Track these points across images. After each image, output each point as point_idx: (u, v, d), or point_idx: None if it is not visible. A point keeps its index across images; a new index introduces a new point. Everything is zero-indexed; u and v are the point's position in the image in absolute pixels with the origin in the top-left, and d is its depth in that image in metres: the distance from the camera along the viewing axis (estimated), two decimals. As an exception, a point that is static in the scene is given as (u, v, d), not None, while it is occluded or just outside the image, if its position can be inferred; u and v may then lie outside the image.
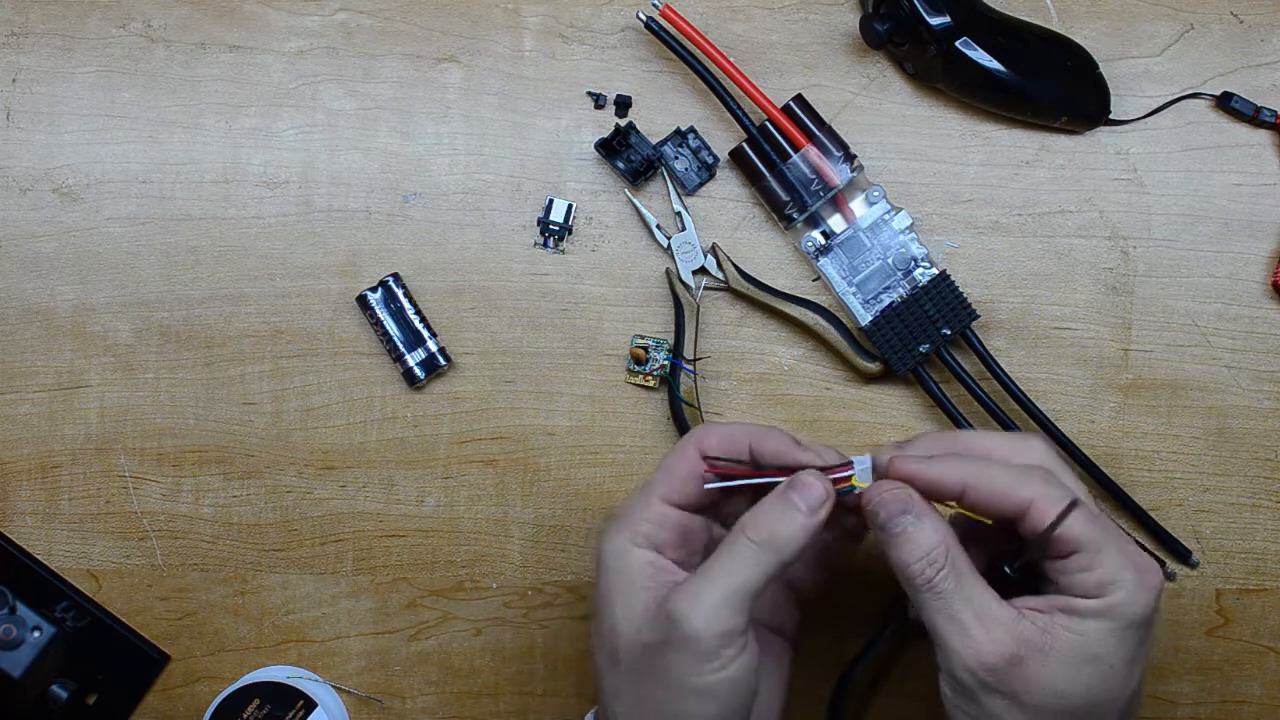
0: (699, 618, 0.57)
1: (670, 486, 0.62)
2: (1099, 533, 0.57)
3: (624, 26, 0.75)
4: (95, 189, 0.75)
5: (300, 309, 0.75)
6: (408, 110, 0.75)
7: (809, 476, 0.59)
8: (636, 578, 0.60)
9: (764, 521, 0.59)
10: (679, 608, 0.57)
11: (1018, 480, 0.58)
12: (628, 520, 0.61)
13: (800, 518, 0.59)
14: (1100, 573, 0.56)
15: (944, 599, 0.57)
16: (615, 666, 0.60)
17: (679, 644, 0.57)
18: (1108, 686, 0.57)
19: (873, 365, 0.74)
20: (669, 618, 0.57)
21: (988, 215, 0.75)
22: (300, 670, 0.76)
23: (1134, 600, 0.56)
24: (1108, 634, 0.56)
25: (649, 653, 0.58)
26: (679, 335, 0.74)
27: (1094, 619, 0.56)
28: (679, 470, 0.62)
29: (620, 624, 0.59)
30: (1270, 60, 0.75)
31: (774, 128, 0.73)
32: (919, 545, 0.58)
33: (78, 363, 0.75)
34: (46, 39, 0.76)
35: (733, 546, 0.58)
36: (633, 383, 0.75)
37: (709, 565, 0.59)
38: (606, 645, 0.60)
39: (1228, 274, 0.75)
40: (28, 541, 0.76)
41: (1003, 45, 0.72)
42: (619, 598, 0.60)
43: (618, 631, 0.59)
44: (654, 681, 0.58)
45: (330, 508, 0.76)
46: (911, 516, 0.58)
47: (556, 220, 0.75)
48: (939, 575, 0.57)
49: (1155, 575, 0.57)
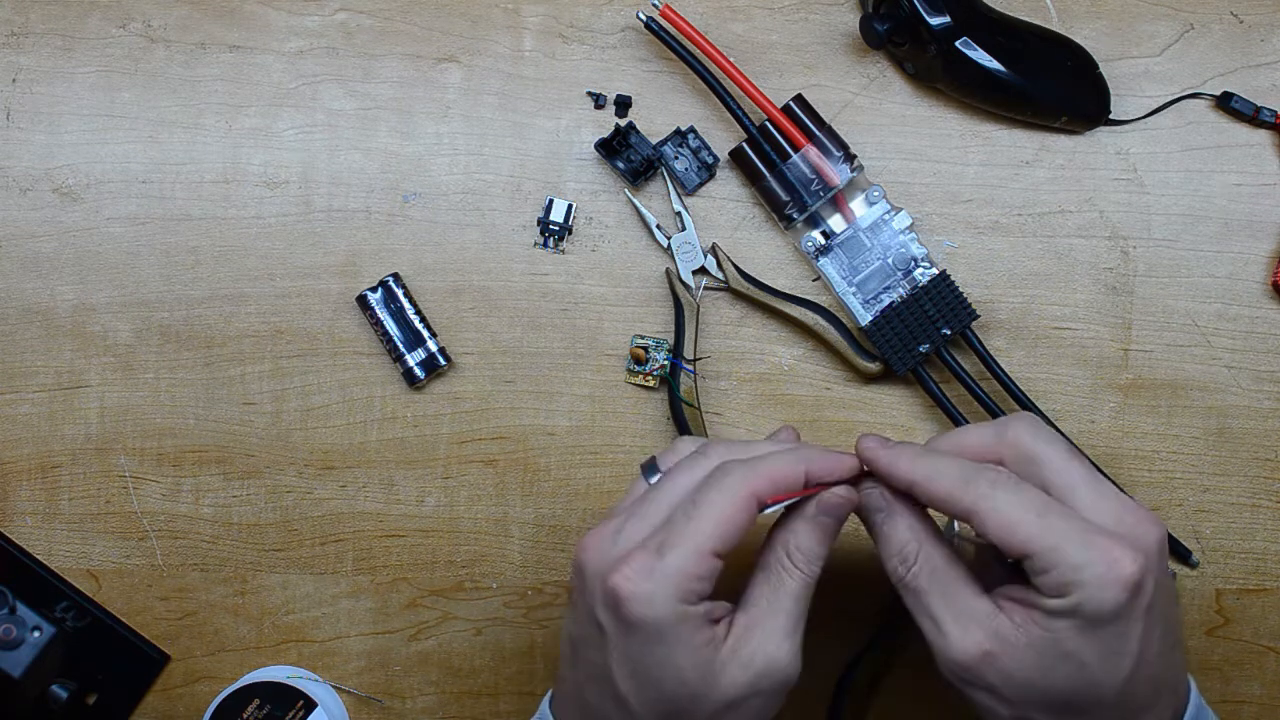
0: (792, 663, 0.57)
1: (723, 540, 0.56)
2: (1055, 532, 0.54)
3: (624, 26, 0.75)
4: (95, 189, 0.75)
5: (300, 309, 0.75)
6: (408, 110, 0.75)
7: (837, 498, 0.60)
8: (698, 636, 0.56)
9: (813, 549, 0.59)
10: (770, 658, 0.57)
11: (963, 483, 0.56)
12: (681, 579, 0.56)
13: (835, 533, 0.60)
14: (1057, 574, 0.54)
15: (918, 596, 0.58)
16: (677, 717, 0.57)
17: (774, 691, 0.57)
18: (1087, 682, 0.55)
19: (873, 365, 0.74)
20: (759, 672, 0.57)
21: (988, 215, 0.75)
22: (300, 670, 0.76)
23: (1099, 597, 0.54)
24: (1076, 632, 0.55)
25: (735, 702, 0.57)
26: (679, 335, 0.74)
27: (1061, 618, 0.55)
28: (735, 521, 0.57)
29: (689, 685, 0.56)
30: (1270, 60, 0.75)
31: (774, 128, 0.73)
32: (891, 542, 0.59)
33: (78, 363, 0.75)
34: (46, 39, 0.76)
35: (788, 579, 0.59)
36: (633, 383, 0.75)
37: (774, 604, 0.58)
38: (667, 700, 0.57)
39: (1228, 274, 0.75)
40: (28, 541, 0.76)
41: (1003, 45, 0.72)
42: (683, 659, 0.56)
43: (687, 684, 0.56)
44: None
45: (330, 508, 0.76)
46: (883, 514, 0.59)
47: (556, 220, 0.75)
48: (909, 573, 0.58)
49: (1129, 565, 0.54)
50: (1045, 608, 0.55)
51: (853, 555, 0.75)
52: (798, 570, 0.59)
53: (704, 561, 0.56)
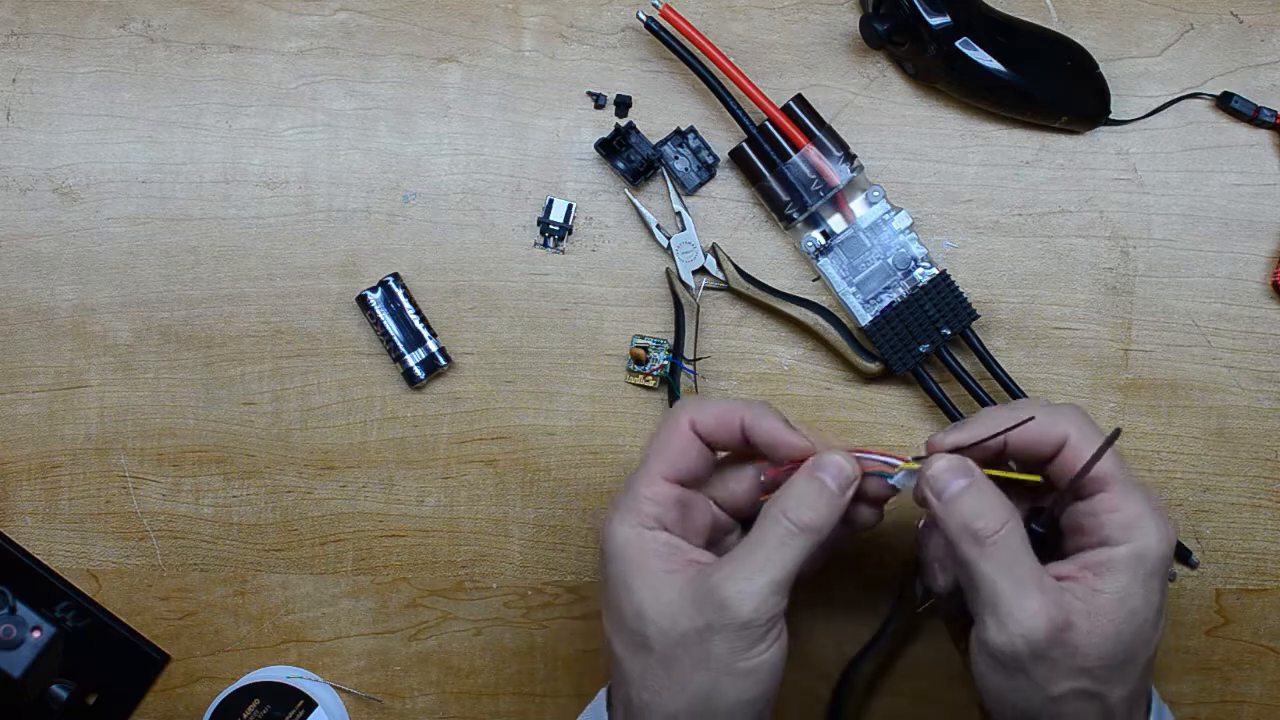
0: (749, 603, 0.57)
1: (669, 464, 0.62)
2: (1124, 474, 0.59)
3: (624, 26, 0.75)
4: (95, 189, 0.75)
5: (300, 309, 0.75)
6: (408, 110, 0.75)
7: (836, 456, 0.60)
8: (655, 561, 0.60)
9: (803, 504, 0.59)
10: (727, 593, 0.57)
11: (1052, 419, 0.60)
12: (633, 503, 0.61)
13: (833, 498, 0.60)
14: (1126, 513, 0.58)
15: (1005, 557, 0.58)
16: (644, 653, 0.59)
17: (729, 629, 0.57)
18: (1144, 637, 0.59)
19: (872, 365, 0.74)
20: (717, 604, 0.57)
21: (988, 215, 0.75)
22: (300, 670, 0.76)
23: (1159, 544, 0.58)
24: (1139, 585, 0.58)
25: (689, 638, 0.58)
26: (679, 335, 0.74)
27: (1124, 570, 0.58)
28: (675, 445, 0.62)
29: (648, 610, 0.59)
30: (1270, 60, 0.75)
31: (774, 128, 0.73)
32: (980, 503, 0.59)
33: (78, 363, 0.75)
34: (46, 39, 0.76)
35: (773, 530, 0.59)
36: (633, 383, 0.75)
37: (751, 549, 0.59)
38: (631, 633, 0.60)
39: (1228, 274, 0.75)
40: (28, 541, 0.76)
41: (1003, 45, 0.72)
42: (640, 584, 0.59)
43: (646, 618, 0.59)
44: (694, 666, 0.58)
45: (330, 508, 0.76)
46: (969, 479, 0.59)
47: (556, 220, 0.75)
48: (1003, 531, 0.58)
49: (1168, 523, 0.59)
50: (1109, 561, 0.58)
51: (853, 554, 0.75)
52: (783, 519, 0.59)
53: (652, 485, 0.61)
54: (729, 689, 0.58)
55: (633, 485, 0.62)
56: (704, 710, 0.58)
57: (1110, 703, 0.58)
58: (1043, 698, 0.58)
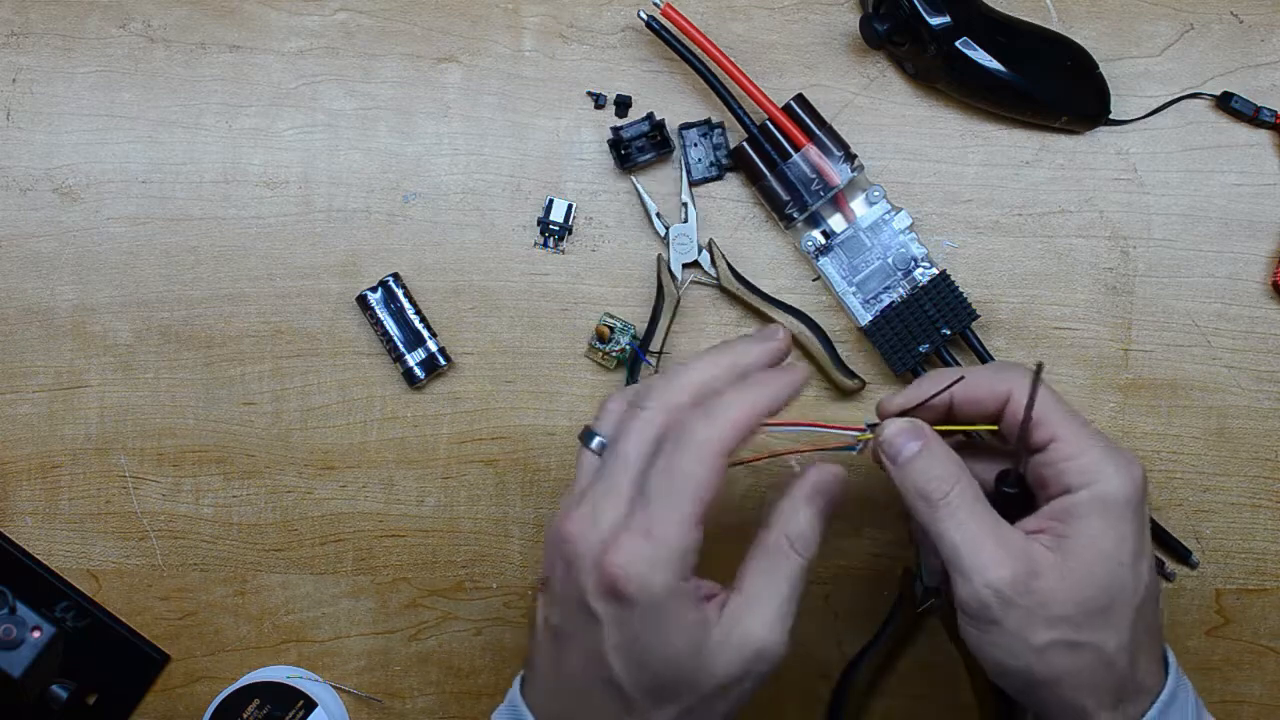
0: (783, 645, 0.57)
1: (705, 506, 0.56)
2: (1076, 422, 0.60)
3: (624, 26, 0.75)
4: (95, 189, 0.75)
5: (300, 309, 0.75)
6: (408, 110, 0.75)
7: (829, 475, 0.60)
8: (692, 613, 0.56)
9: (810, 532, 0.59)
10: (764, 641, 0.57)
11: (995, 375, 0.62)
12: (671, 552, 0.55)
13: (827, 512, 0.60)
14: (1085, 459, 0.59)
15: (960, 515, 0.58)
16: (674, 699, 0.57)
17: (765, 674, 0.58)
18: (1121, 580, 0.58)
19: (851, 382, 0.74)
20: (752, 655, 0.57)
21: (988, 215, 0.75)
22: (300, 670, 0.76)
23: (1123, 485, 0.58)
24: (1107, 528, 0.58)
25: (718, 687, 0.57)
26: (652, 324, 0.74)
27: (1088, 515, 0.58)
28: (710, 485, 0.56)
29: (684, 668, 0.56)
30: (1270, 60, 0.75)
31: (775, 127, 0.73)
32: (931, 466, 0.59)
33: (78, 363, 0.75)
34: (46, 39, 0.76)
35: (784, 563, 0.58)
36: (590, 358, 0.75)
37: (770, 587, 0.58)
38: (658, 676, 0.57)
39: (1228, 274, 0.75)
40: (28, 541, 0.76)
41: (1003, 45, 0.72)
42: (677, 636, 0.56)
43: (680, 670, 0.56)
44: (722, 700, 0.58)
45: (330, 508, 0.76)
46: (921, 442, 0.59)
47: (556, 220, 0.75)
48: (954, 490, 0.58)
49: (1136, 464, 0.59)
50: (1073, 507, 0.58)
51: (853, 555, 0.75)
52: (795, 554, 0.58)
53: (691, 534, 0.56)
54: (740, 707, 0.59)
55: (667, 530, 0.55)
56: None
57: (1108, 653, 0.58)
58: (1026, 650, 0.57)
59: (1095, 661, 0.58)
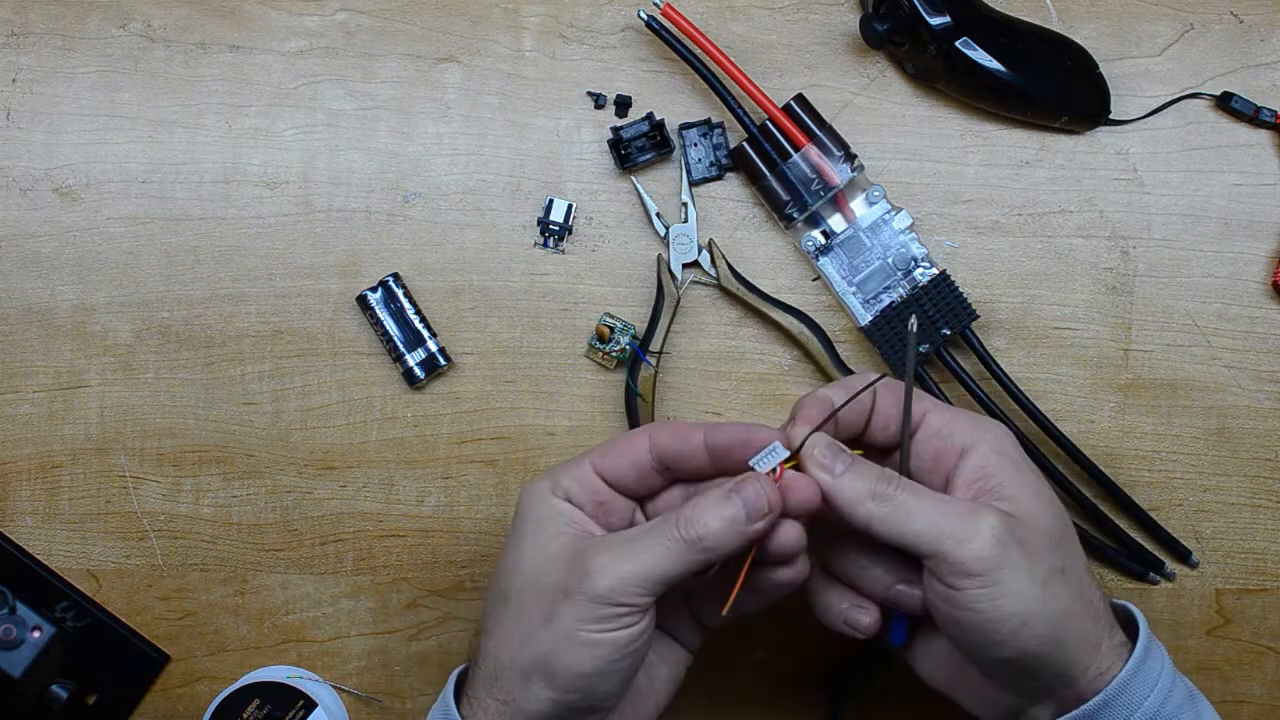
0: (607, 581, 0.57)
1: (605, 459, 0.62)
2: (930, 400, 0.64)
3: (624, 26, 0.75)
4: (95, 189, 0.75)
5: (300, 309, 0.75)
6: (408, 110, 0.75)
7: (755, 484, 0.59)
8: (550, 522, 0.61)
9: (696, 518, 0.58)
10: (594, 563, 0.58)
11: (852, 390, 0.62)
12: (555, 475, 0.62)
13: (735, 522, 0.58)
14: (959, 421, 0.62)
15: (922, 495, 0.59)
16: (503, 602, 0.60)
17: (581, 596, 0.57)
18: (1057, 511, 0.61)
19: None
20: (581, 570, 0.58)
21: (988, 215, 0.75)
22: (300, 670, 0.76)
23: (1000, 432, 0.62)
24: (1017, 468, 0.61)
25: (545, 593, 0.59)
26: (652, 324, 0.74)
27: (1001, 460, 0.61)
28: (622, 449, 0.62)
29: (524, 562, 0.60)
30: (1270, 60, 0.75)
31: (775, 127, 0.73)
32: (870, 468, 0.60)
33: (78, 363, 0.75)
34: (46, 39, 0.76)
35: (663, 529, 0.58)
36: (590, 358, 0.75)
37: (636, 538, 0.59)
38: (501, 580, 0.61)
39: (1228, 274, 0.75)
40: (28, 541, 0.76)
41: (1003, 45, 0.72)
42: (529, 539, 0.60)
43: (520, 569, 0.60)
44: (541, 621, 0.58)
45: (330, 508, 0.76)
46: (841, 464, 0.60)
47: (556, 220, 0.75)
48: (896, 490, 0.59)
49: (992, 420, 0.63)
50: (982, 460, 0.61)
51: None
52: (677, 534, 0.58)
53: (580, 467, 0.62)
54: (566, 655, 0.58)
55: (563, 463, 0.63)
56: (541, 670, 0.58)
57: (1085, 576, 0.61)
58: (1034, 589, 0.57)
59: (1080, 586, 0.60)
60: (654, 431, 0.62)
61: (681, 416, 0.75)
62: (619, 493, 0.63)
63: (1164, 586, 0.75)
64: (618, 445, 0.63)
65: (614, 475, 0.62)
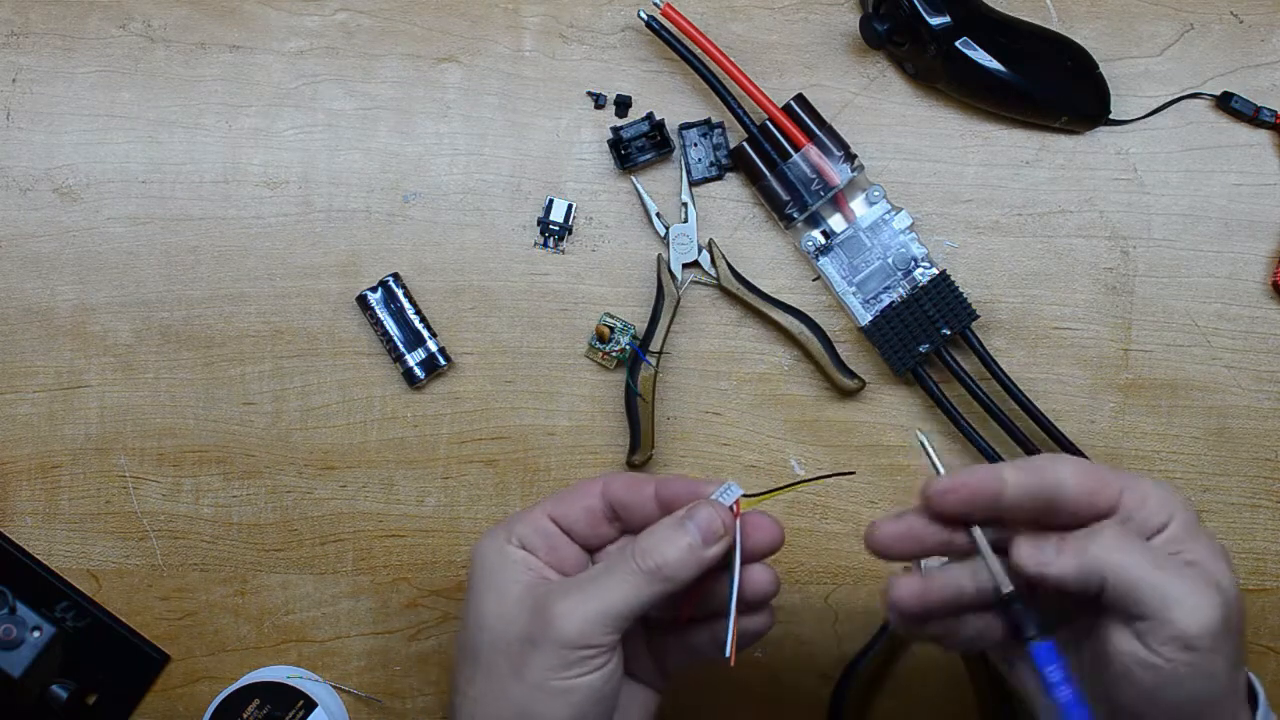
0: (573, 625, 0.57)
1: (560, 506, 0.62)
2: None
3: (624, 26, 0.75)
4: (95, 189, 0.75)
5: (300, 309, 0.75)
6: (408, 110, 0.75)
7: (707, 507, 0.59)
8: (506, 570, 0.60)
9: (652, 548, 0.58)
10: (556, 610, 0.57)
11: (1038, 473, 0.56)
12: (508, 525, 0.62)
13: (691, 548, 0.58)
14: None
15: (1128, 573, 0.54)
16: (472, 659, 0.60)
17: (549, 645, 0.57)
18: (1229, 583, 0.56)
19: (851, 382, 0.74)
20: (544, 619, 0.57)
21: (988, 215, 0.75)
22: (300, 670, 0.76)
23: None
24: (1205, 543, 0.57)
25: (513, 646, 0.58)
26: (652, 324, 0.74)
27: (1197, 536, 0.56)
28: (575, 496, 0.62)
29: (487, 616, 0.59)
30: (1270, 60, 0.75)
31: (775, 127, 0.73)
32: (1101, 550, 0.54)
33: (78, 363, 0.75)
34: (46, 39, 0.76)
35: (620, 564, 0.58)
36: (590, 358, 0.75)
37: (594, 575, 0.59)
38: (467, 637, 0.60)
39: (1228, 274, 0.75)
40: (28, 541, 0.76)
41: (1003, 45, 0.72)
42: (488, 592, 0.60)
43: (484, 625, 0.59)
44: (512, 675, 0.58)
45: (330, 508, 0.76)
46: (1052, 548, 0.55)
47: (556, 220, 0.75)
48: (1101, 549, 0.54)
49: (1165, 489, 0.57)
50: None
51: (853, 555, 0.75)
52: (634, 565, 0.58)
53: (533, 515, 0.62)
54: (541, 707, 0.57)
55: (516, 513, 0.63)
56: None
57: (1242, 659, 0.57)
58: (1226, 682, 0.55)
59: (1242, 672, 0.57)
60: (607, 480, 0.62)
61: (681, 416, 0.75)
62: (572, 539, 0.62)
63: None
64: (571, 492, 0.62)
65: (567, 521, 0.62)
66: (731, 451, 0.75)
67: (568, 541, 0.62)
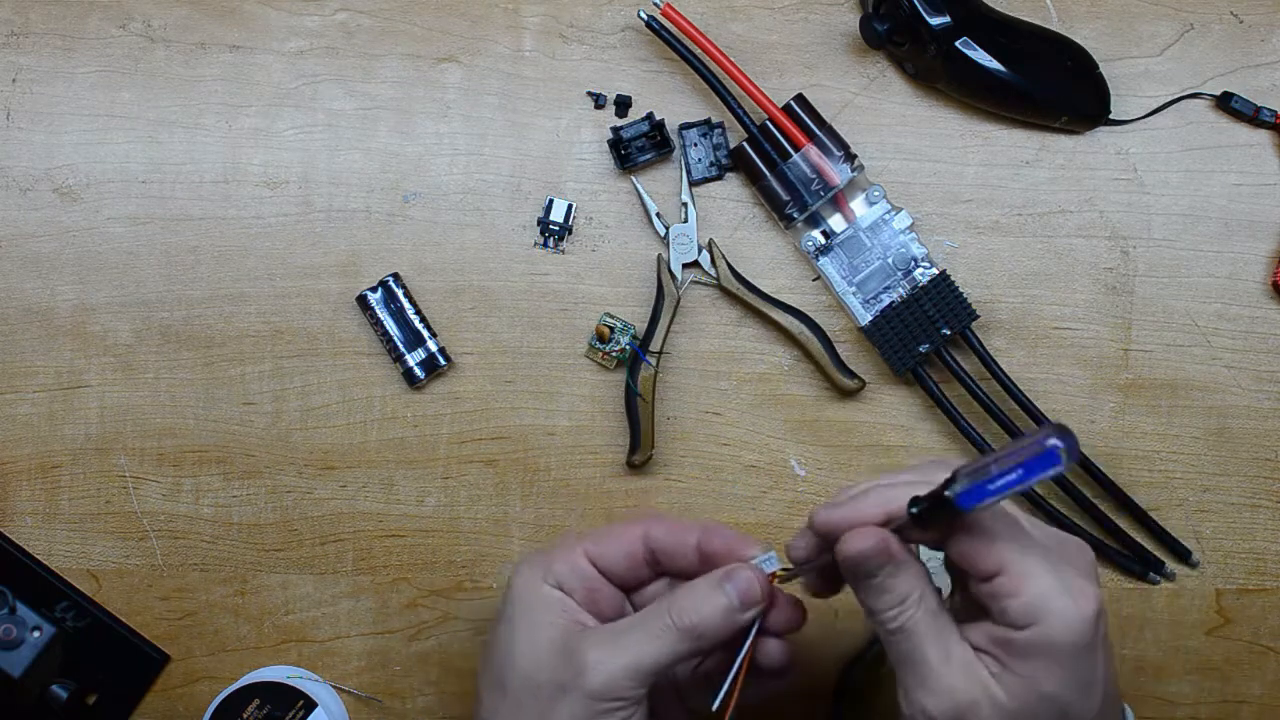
0: (601, 677, 0.57)
1: (599, 546, 0.62)
2: (1024, 547, 0.53)
3: (624, 26, 0.75)
4: (95, 189, 0.75)
5: (300, 309, 0.75)
6: (408, 110, 0.75)
7: (747, 571, 0.59)
8: (542, 611, 0.60)
9: (690, 607, 0.58)
10: (587, 658, 0.57)
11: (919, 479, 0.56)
12: (547, 560, 0.61)
13: (728, 610, 0.58)
14: (1027, 596, 0.53)
15: (911, 639, 0.54)
16: (499, 693, 0.59)
17: (575, 693, 0.57)
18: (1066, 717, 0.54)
19: (851, 382, 0.74)
20: (575, 667, 0.57)
21: (988, 215, 0.75)
22: (300, 670, 0.76)
23: (1069, 626, 0.52)
24: (1053, 667, 0.53)
25: (543, 690, 0.58)
26: (652, 324, 0.74)
27: (1037, 657, 0.53)
28: (616, 538, 0.62)
29: (519, 656, 0.59)
30: (1270, 60, 0.75)
31: (775, 127, 0.73)
32: (894, 592, 0.55)
33: (78, 363, 0.75)
34: (46, 39, 0.76)
35: (655, 619, 0.58)
36: (590, 358, 0.75)
37: (626, 628, 0.59)
38: (496, 671, 0.60)
39: (1228, 274, 0.75)
40: (28, 541, 0.76)
41: (1003, 45, 0.72)
42: (523, 630, 0.60)
43: (514, 663, 0.59)
44: (537, 716, 0.58)
45: (330, 508, 0.76)
46: (892, 566, 0.55)
47: (556, 220, 0.75)
48: (907, 617, 0.55)
49: (1089, 597, 0.53)
50: (1016, 644, 0.53)
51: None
52: (668, 614, 0.58)
53: (573, 555, 0.62)
54: None
55: (554, 547, 0.62)
56: None
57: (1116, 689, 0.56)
58: None
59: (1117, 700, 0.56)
60: (650, 525, 0.62)
61: (681, 416, 0.75)
62: (609, 581, 0.62)
63: (1164, 586, 0.75)
64: (611, 533, 0.62)
65: (606, 564, 0.62)
66: (731, 451, 0.75)
67: (605, 583, 0.62)
